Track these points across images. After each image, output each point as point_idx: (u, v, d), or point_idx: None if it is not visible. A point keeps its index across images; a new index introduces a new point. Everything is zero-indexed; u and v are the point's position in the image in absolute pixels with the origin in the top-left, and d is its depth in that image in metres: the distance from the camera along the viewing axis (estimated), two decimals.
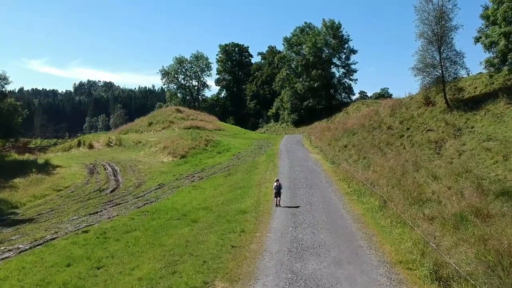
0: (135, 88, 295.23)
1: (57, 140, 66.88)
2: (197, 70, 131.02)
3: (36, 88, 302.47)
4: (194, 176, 34.32)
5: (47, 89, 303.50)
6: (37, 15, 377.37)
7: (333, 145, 42.24)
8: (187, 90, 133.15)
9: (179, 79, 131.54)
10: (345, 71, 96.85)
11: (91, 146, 56.92)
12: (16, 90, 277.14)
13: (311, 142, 50.57)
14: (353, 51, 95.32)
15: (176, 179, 33.81)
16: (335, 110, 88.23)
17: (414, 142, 32.38)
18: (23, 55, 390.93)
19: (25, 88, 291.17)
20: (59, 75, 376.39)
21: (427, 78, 36.75)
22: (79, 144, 57.94)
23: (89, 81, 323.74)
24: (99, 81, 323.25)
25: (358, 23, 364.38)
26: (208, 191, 26.82)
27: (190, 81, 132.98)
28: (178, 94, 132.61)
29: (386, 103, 47.24)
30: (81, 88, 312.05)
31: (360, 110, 76.88)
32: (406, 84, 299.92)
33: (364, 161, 31.13)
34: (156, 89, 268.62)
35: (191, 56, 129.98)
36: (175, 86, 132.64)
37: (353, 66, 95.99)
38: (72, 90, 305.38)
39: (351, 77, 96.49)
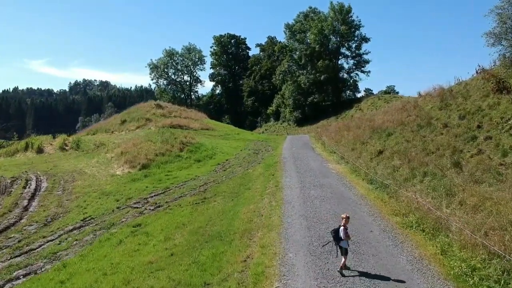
0: (131, 87, 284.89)
1: (3, 142, 53.91)
2: (189, 63, 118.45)
3: (31, 88, 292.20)
4: (147, 202, 21.53)
5: (42, 89, 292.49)
6: (37, 15, 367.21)
7: (359, 150, 29.47)
8: (178, 86, 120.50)
9: (169, 74, 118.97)
10: (355, 62, 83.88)
11: (40, 150, 44.39)
12: (11, 90, 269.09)
13: (324, 145, 37.83)
14: (365, 39, 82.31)
15: (118, 207, 21.00)
16: (344, 107, 75.96)
17: (505, 148, 19.65)
18: (25, 56, 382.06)
19: (20, 88, 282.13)
20: (59, 75, 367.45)
21: (508, 49, 24.05)
22: (26, 148, 45.38)
23: (84, 80, 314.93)
24: (95, 80, 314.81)
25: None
26: (150, 246, 14.04)
27: (182, 76, 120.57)
28: (169, 91, 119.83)
29: (430, 92, 34.33)
30: (76, 87, 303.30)
31: (376, 107, 64.30)
32: (409, 85, 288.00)
33: (428, 182, 18.35)
34: (153, 88, 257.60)
35: (182, 49, 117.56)
36: (165, 82, 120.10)
37: (365, 57, 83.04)
38: (67, 89, 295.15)
39: (362, 68, 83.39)
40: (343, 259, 9.88)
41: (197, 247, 12.94)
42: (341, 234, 9.82)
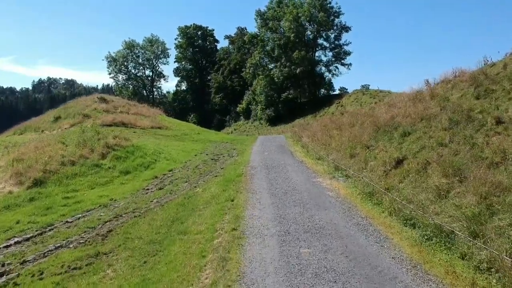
0: (97, 86, 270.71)
1: None
2: (151, 56, 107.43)
3: None
4: None
5: (4, 87, 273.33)
6: (4, 11, 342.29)
7: (362, 158, 19.95)
8: (139, 81, 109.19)
9: (129, 68, 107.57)
10: (334, 53, 75.01)
11: None
12: None
13: (307, 148, 28.30)
14: (346, 28, 73.60)
15: None
16: (322, 104, 67.07)
17: None
18: None
19: None
20: (26, 74, 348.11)
21: None
22: None
23: (49, 79, 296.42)
24: (60, 78, 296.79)
25: None
26: None
27: (143, 71, 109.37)
28: (128, 86, 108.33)
29: (448, 78, 25.09)
30: (40, 85, 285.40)
31: (361, 103, 55.44)
32: (384, 83, 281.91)
33: None
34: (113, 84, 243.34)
35: (144, 40, 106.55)
36: (124, 77, 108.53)
37: (345, 48, 74.30)
38: (30, 88, 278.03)
39: (343, 61, 74.57)
40: None
41: None
42: None
